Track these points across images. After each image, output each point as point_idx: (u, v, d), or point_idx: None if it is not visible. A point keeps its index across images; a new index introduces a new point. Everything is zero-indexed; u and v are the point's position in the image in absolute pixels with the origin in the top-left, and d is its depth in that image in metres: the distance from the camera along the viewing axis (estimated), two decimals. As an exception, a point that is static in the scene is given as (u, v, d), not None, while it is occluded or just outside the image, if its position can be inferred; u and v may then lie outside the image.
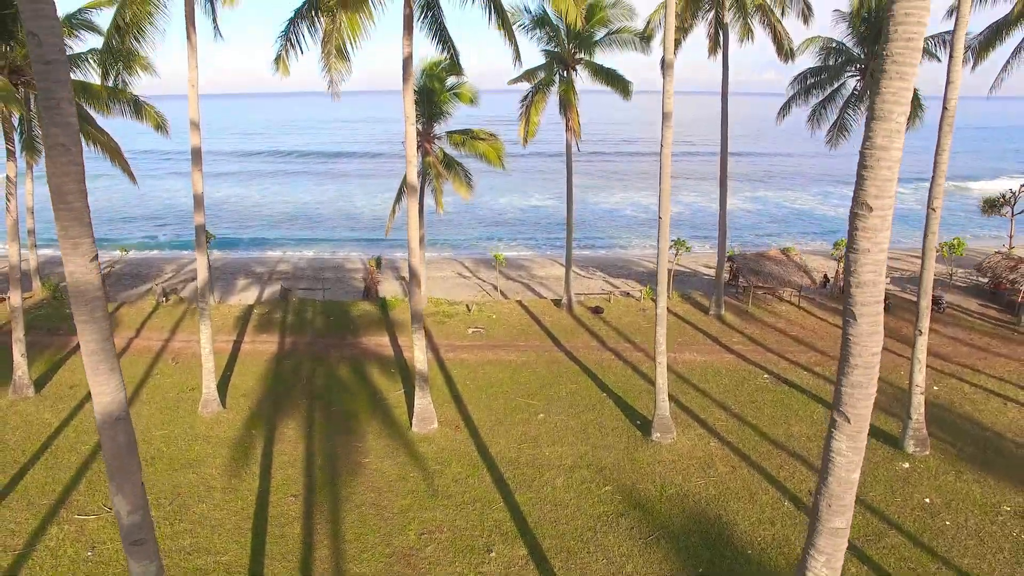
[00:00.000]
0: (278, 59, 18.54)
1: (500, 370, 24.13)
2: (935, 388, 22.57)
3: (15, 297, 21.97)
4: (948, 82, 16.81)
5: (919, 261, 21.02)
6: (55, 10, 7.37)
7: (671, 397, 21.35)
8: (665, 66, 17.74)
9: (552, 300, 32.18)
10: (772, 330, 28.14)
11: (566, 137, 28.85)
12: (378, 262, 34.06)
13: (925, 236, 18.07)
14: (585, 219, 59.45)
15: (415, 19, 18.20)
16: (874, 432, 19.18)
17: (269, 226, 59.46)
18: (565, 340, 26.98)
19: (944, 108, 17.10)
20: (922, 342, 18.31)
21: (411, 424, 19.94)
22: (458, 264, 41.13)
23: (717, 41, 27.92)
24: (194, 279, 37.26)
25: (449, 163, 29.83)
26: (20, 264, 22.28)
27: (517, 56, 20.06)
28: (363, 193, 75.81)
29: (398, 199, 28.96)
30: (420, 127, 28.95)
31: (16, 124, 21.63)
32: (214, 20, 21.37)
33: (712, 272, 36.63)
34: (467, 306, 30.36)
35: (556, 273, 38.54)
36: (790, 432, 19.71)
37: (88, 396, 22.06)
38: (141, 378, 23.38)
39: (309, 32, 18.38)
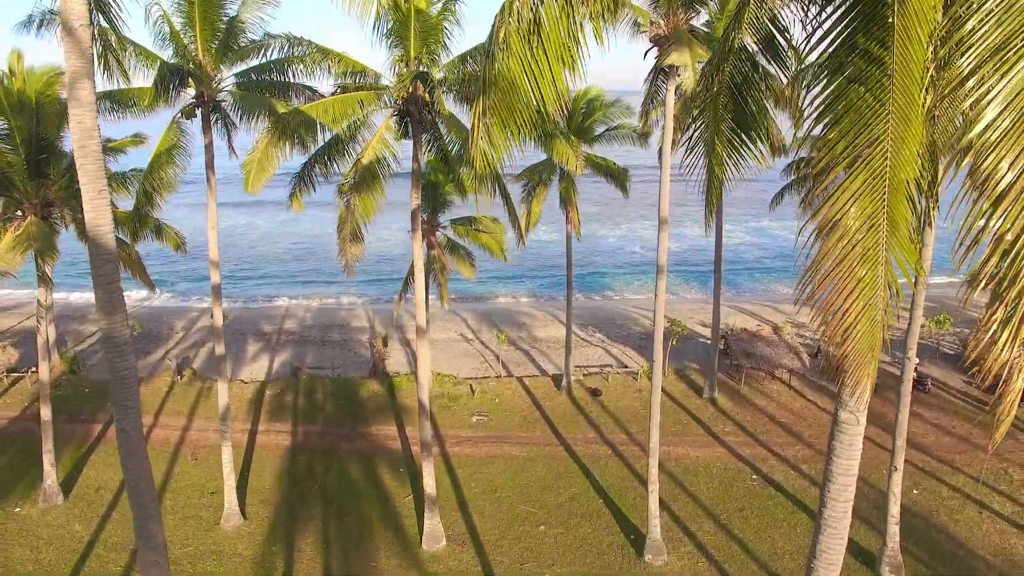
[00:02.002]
0: (292, 195, 19.76)
1: (503, 469, 25.45)
2: (914, 492, 23.89)
3: (45, 411, 23.25)
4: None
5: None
6: (109, 210, 8.05)
7: (663, 503, 22.67)
8: (663, 174, 18.80)
9: (553, 376, 33.46)
10: (763, 416, 29.44)
11: (566, 228, 30.03)
12: (384, 341, 35.37)
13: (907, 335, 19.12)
14: (588, 257, 60.51)
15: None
16: (852, 547, 20.54)
17: (275, 266, 60.57)
18: (565, 430, 28.29)
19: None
20: (897, 478, 19.61)
21: (421, 541, 21.30)
22: (461, 322, 42.34)
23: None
24: (206, 341, 38.57)
25: (453, 247, 31.01)
26: (49, 380, 23.52)
27: (521, 238, 21.52)
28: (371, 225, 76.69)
29: (404, 287, 30.15)
30: (425, 217, 30.10)
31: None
32: (229, 143, 22.51)
33: (708, 331, 37.88)
34: (471, 387, 31.64)
35: (556, 335, 39.75)
36: (775, 548, 21.07)
37: (115, 501, 23.44)
38: (163, 479, 24.70)
39: (322, 173, 19.62)
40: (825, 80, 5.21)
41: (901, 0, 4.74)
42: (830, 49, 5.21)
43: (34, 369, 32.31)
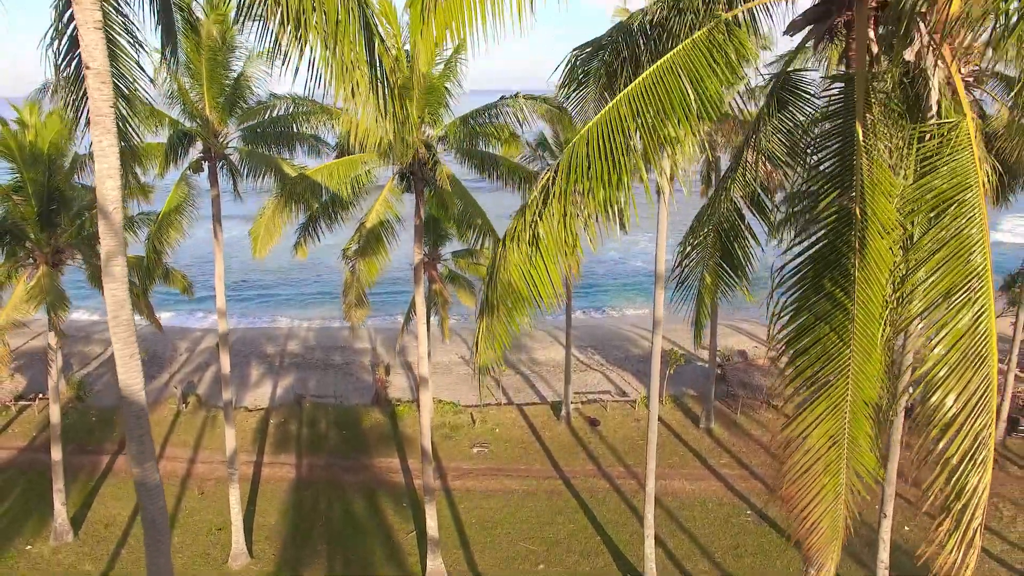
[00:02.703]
0: (297, 245, 20.29)
1: (503, 504, 26.00)
2: (906, 528, 24.42)
3: (56, 452, 23.76)
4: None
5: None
6: (141, 372, 8.47)
7: (658, 540, 23.21)
8: (657, 278, 19.45)
9: (552, 404, 34.00)
10: (758, 447, 29.98)
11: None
12: (387, 370, 35.97)
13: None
14: (589, 267, 60.87)
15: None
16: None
17: (276, 275, 60.91)
18: (564, 463, 28.84)
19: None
20: (887, 524, 20.14)
21: (423, 582, 21.88)
22: (462, 343, 42.85)
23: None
24: (209, 364, 39.11)
25: (454, 277, 31.54)
26: (60, 422, 24.04)
27: None
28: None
29: (406, 320, 30.68)
30: (426, 250, 30.62)
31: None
32: (235, 188, 23.00)
33: (706, 352, 38.41)
34: (471, 416, 32.19)
35: (555, 357, 40.27)
36: (768, 588, 21.66)
37: (124, 538, 24.01)
38: (171, 514, 25.24)
39: (327, 226, 20.14)
40: (792, 313, 5.73)
41: (862, 246, 5.26)
42: (797, 292, 5.74)
43: (42, 396, 32.87)
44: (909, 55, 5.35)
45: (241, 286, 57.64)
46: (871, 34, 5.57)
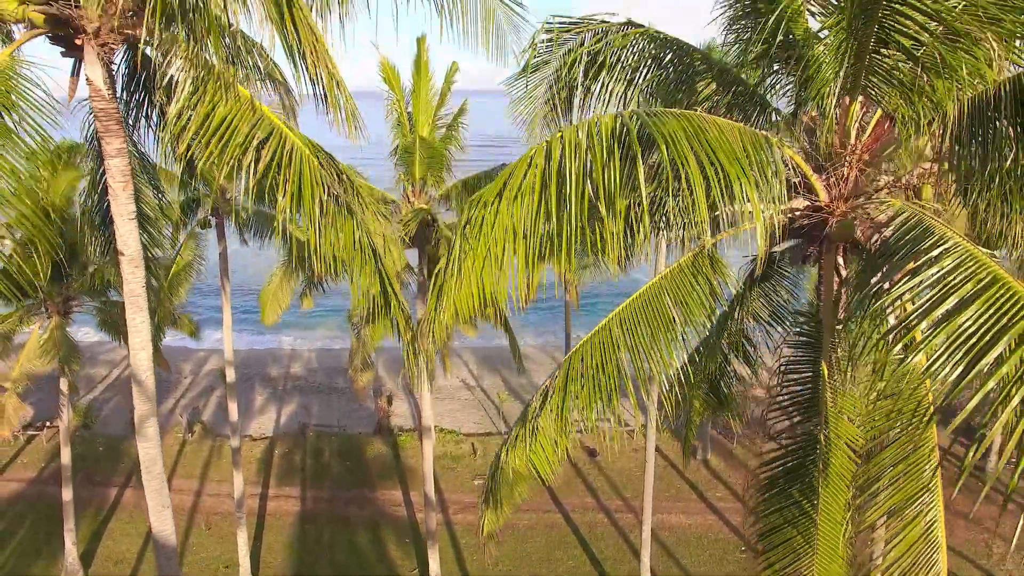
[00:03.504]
0: (303, 296, 20.82)
1: (504, 539, 26.53)
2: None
3: (67, 492, 24.30)
4: None
5: None
6: (170, 517, 9.08)
7: (654, 573, 23.84)
8: None
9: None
10: (753, 478, 30.51)
11: (565, 298, 31.11)
12: (389, 400, 36.54)
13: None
14: (593, 289, 61.31)
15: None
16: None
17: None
18: (563, 495, 29.40)
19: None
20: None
21: (426, 623, 22.45)
22: (463, 365, 43.43)
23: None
24: (214, 388, 39.68)
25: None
26: (71, 463, 24.58)
27: (523, 304, 22.35)
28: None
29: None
30: (427, 277, 31.15)
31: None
32: (241, 237, 23.52)
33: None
34: (472, 446, 32.74)
35: (555, 381, 40.78)
36: (762, 629, 22.23)
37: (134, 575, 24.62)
38: (179, 551, 25.80)
39: (332, 280, 20.65)
40: (764, 512, 6.28)
41: (826, 466, 5.82)
42: (768, 495, 6.29)
43: (49, 424, 33.43)
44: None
45: (245, 303, 58.08)
46: (840, 261, 6.08)
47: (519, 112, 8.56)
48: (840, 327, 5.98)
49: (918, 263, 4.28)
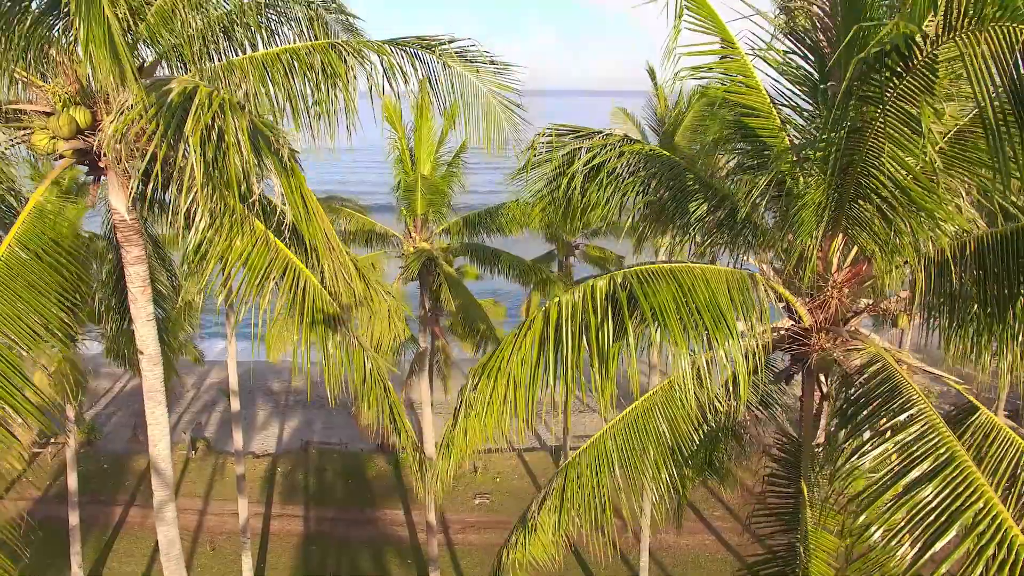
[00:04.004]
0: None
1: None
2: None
3: (73, 517, 24.75)
4: None
5: None
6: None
7: (654, 598, 24.37)
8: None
9: (552, 449, 35.04)
10: (750, 496, 30.99)
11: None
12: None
13: None
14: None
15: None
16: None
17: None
18: (562, 515, 29.86)
19: None
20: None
21: (428, 648, 22.95)
22: (463, 379, 43.77)
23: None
24: (217, 402, 40.09)
25: (455, 326, 32.47)
26: (77, 488, 25.01)
27: None
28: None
29: (410, 374, 31.57)
30: (428, 304, 31.50)
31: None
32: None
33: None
34: (472, 464, 33.17)
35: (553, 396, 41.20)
36: (757, 652, 22.74)
37: (140, 599, 25.07)
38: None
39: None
40: None
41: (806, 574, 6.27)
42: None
43: (54, 440, 33.83)
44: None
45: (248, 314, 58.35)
46: (822, 377, 6.50)
47: (523, 205, 9.06)
48: (819, 450, 6.40)
49: (884, 427, 4.67)
